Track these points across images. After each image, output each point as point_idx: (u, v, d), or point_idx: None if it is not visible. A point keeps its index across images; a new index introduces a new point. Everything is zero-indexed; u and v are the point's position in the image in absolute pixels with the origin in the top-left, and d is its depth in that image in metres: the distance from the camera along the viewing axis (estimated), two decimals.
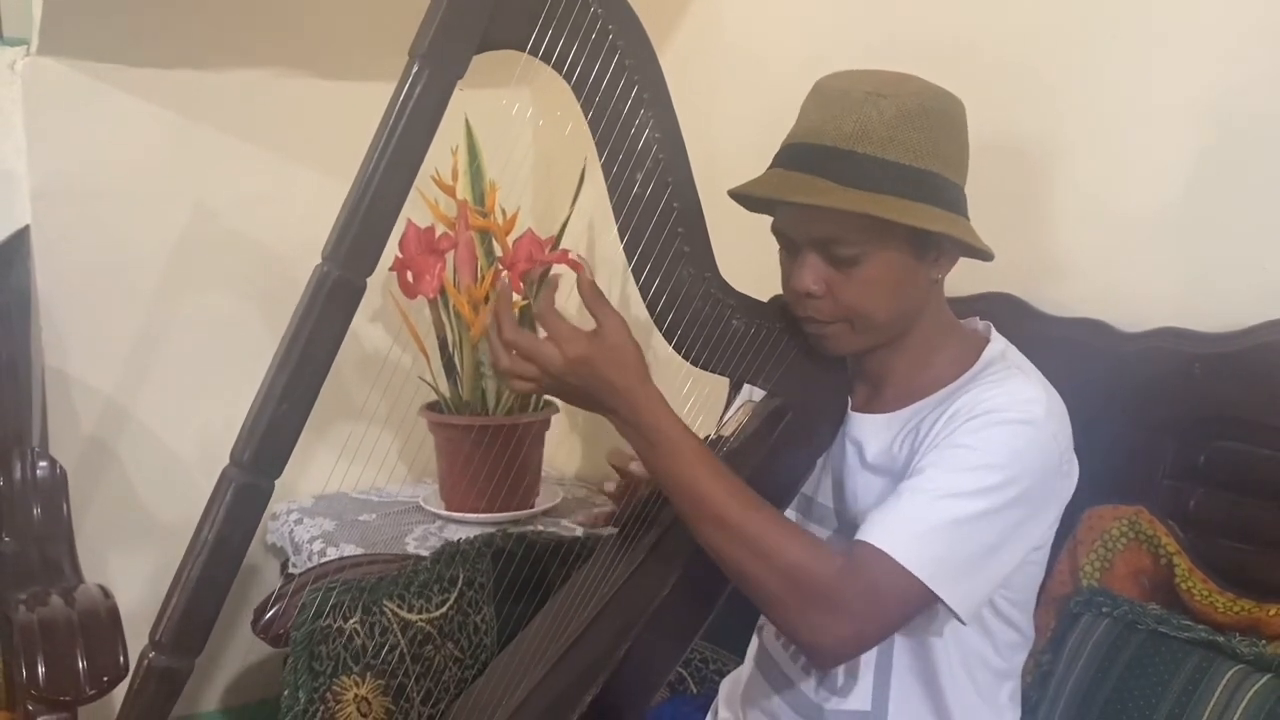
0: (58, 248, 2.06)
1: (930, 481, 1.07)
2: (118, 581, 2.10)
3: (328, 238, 0.99)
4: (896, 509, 1.07)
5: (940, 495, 1.05)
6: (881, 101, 1.09)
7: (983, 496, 1.05)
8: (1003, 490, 1.05)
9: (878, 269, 1.11)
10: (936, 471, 1.07)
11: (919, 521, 1.05)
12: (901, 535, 1.05)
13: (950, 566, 1.05)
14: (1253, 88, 1.34)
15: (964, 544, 1.05)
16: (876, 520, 1.07)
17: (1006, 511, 1.06)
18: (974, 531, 1.05)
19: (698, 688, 1.55)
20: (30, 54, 2.01)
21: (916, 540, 1.04)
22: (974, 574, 1.07)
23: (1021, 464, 1.06)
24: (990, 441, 1.06)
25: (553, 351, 1.08)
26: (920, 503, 1.06)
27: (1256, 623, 1.19)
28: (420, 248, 2.03)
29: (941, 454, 1.08)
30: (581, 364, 1.08)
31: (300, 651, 1.38)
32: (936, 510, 1.05)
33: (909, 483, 1.08)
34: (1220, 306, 1.36)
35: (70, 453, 2.01)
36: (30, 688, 1.43)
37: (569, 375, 1.08)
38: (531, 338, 1.10)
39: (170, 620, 0.97)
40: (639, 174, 1.09)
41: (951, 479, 1.06)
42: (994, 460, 1.06)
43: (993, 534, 1.06)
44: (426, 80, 0.97)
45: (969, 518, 1.05)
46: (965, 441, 1.07)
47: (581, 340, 1.08)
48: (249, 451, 0.97)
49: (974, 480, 1.05)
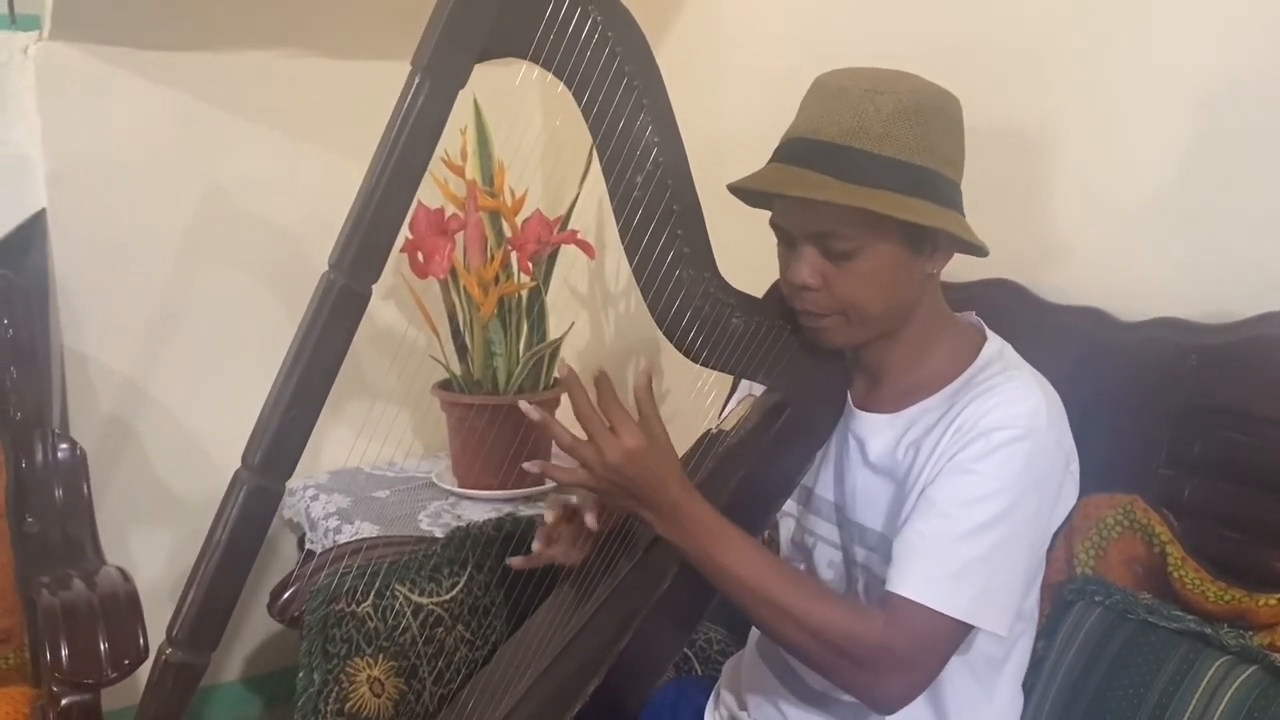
0: (74, 230, 2.09)
1: (948, 520, 1.08)
2: (138, 559, 2.17)
3: (334, 246, 1.01)
4: (923, 555, 1.08)
5: (961, 535, 1.07)
6: (879, 98, 1.10)
7: (1000, 524, 1.08)
8: (1017, 511, 1.08)
9: (873, 263, 1.13)
10: (951, 507, 1.09)
11: (947, 563, 1.07)
12: (934, 582, 1.07)
13: (986, 598, 1.08)
14: (1251, 77, 1.34)
15: (994, 574, 1.08)
16: (906, 569, 1.09)
17: (1024, 528, 1.10)
18: (1000, 558, 1.08)
19: (702, 668, 1.58)
20: (43, 39, 2.03)
21: (949, 583, 1.07)
22: (1008, 594, 1.10)
23: (1029, 480, 1.09)
24: (996, 465, 1.08)
25: (614, 440, 1.09)
26: (944, 545, 1.08)
27: (1246, 612, 1.21)
28: (430, 229, 2.05)
29: (951, 483, 1.10)
30: (638, 455, 1.09)
31: (315, 635, 1.43)
32: (962, 550, 1.07)
33: (927, 523, 1.10)
34: (1218, 297, 1.36)
35: (90, 433, 2.05)
36: (54, 670, 1.48)
37: (625, 466, 1.09)
38: (602, 423, 1.10)
39: (186, 617, 1.00)
40: (639, 177, 1.11)
41: (968, 514, 1.08)
42: (1003, 485, 1.08)
43: (1017, 553, 1.10)
44: (429, 91, 0.99)
45: (993, 547, 1.08)
46: (973, 467, 1.09)
47: (641, 433, 1.10)
48: (260, 455, 1.00)
49: (988, 509, 1.08)
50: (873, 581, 1.20)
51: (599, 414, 1.10)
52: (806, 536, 1.30)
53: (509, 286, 2.08)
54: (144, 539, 2.21)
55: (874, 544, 1.20)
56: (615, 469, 1.09)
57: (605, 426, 1.09)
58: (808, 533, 1.30)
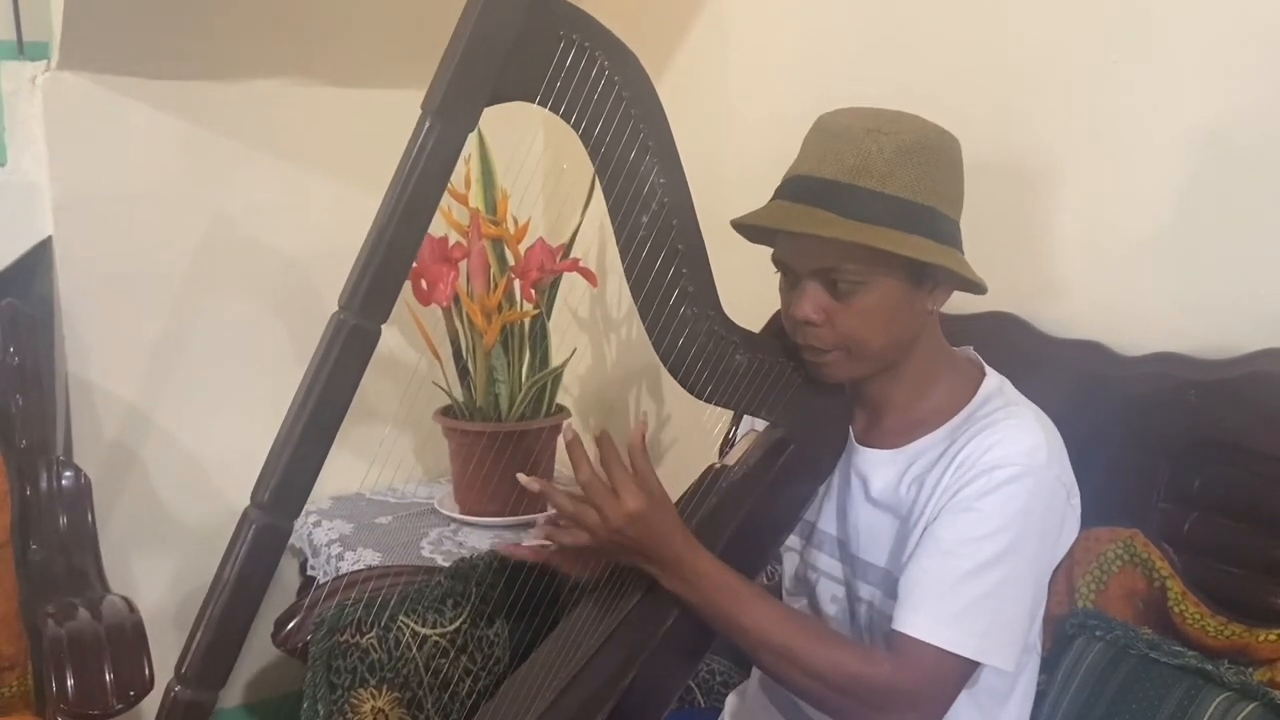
0: (80, 258, 2.10)
1: (953, 558, 1.10)
2: (142, 587, 2.17)
3: (344, 286, 1.02)
4: (929, 594, 1.10)
5: (966, 573, 1.08)
6: (881, 138, 1.12)
7: (1004, 561, 1.09)
8: (1020, 548, 1.09)
9: (875, 299, 1.14)
10: (956, 545, 1.10)
11: (953, 602, 1.08)
12: (941, 621, 1.08)
13: (993, 635, 1.09)
14: (1251, 114, 1.36)
15: (999, 610, 1.10)
16: (912, 608, 1.10)
17: (1028, 564, 1.11)
18: (1005, 595, 1.09)
19: (705, 700, 1.59)
20: (51, 68, 2.05)
21: (955, 622, 1.08)
22: (1014, 630, 1.11)
23: (1032, 516, 1.10)
24: (999, 503, 1.09)
25: (616, 504, 1.11)
26: (949, 583, 1.09)
27: (1247, 647, 1.22)
28: (434, 257, 2.06)
29: (955, 521, 1.11)
30: (641, 515, 1.11)
31: (319, 666, 1.43)
32: (967, 588, 1.08)
33: (932, 561, 1.11)
34: (1217, 332, 1.38)
35: (94, 460, 2.05)
36: (60, 701, 1.48)
37: (629, 527, 1.11)
38: (605, 488, 1.12)
39: (195, 655, 1.01)
40: (644, 217, 1.13)
41: (971, 551, 1.09)
42: (1006, 521, 1.09)
43: (1021, 589, 1.11)
44: (439, 135, 1.00)
45: (998, 585, 1.09)
46: (976, 505, 1.10)
47: (642, 494, 1.11)
48: (269, 493, 1.01)
49: (993, 547, 1.09)
50: (876, 617, 1.21)
51: (600, 477, 1.11)
52: (810, 572, 1.31)
53: (512, 314, 2.09)
54: (148, 567, 2.21)
55: (877, 580, 1.21)
56: (618, 531, 1.11)
57: (608, 489, 1.11)
58: (811, 568, 1.30)
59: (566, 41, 1.05)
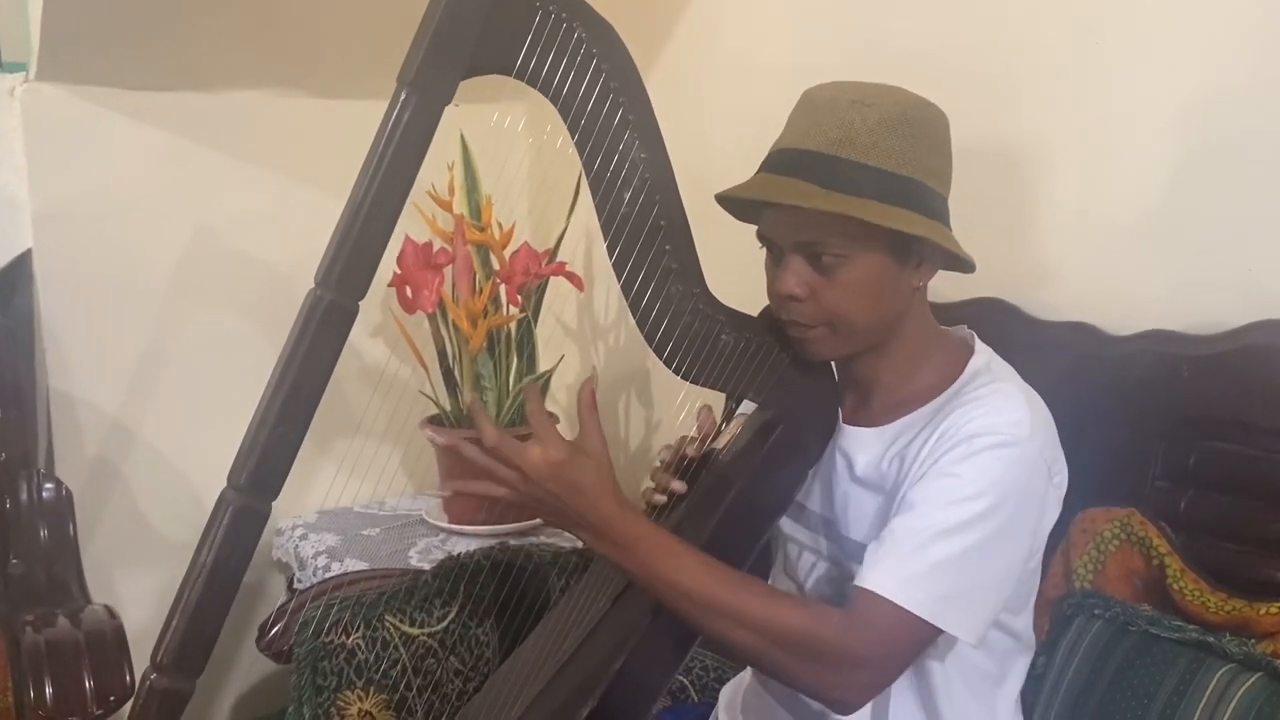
0: (60, 271, 2.07)
1: (923, 518, 1.07)
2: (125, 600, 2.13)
3: (320, 262, 1.01)
4: (893, 551, 1.07)
5: (935, 533, 1.06)
6: (865, 109, 1.11)
7: (975, 527, 1.06)
8: (994, 516, 1.06)
9: (859, 273, 1.13)
10: (928, 507, 1.08)
11: (917, 562, 1.06)
12: (901, 578, 1.06)
13: (954, 601, 1.06)
14: (1236, 93, 1.36)
15: (964, 577, 1.07)
16: (874, 563, 1.08)
17: (1001, 536, 1.07)
18: (972, 562, 1.06)
19: (698, 695, 1.56)
20: (29, 80, 2.03)
21: (917, 581, 1.05)
22: (978, 601, 1.08)
23: (1010, 486, 1.07)
24: (977, 469, 1.07)
25: (535, 453, 1.08)
26: (916, 542, 1.06)
27: (1247, 621, 1.20)
28: (418, 263, 2.04)
29: (930, 485, 1.09)
30: (561, 467, 1.08)
31: (304, 668, 1.41)
32: (933, 549, 1.06)
33: (902, 520, 1.09)
34: (1206, 308, 1.37)
35: (76, 473, 2.03)
36: (38, 708, 1.44)
37: (548, 480, 1.08)
38: (514, 442, 1.09)
39: (171, 642, 0.99)
40: (626, 193, 1.11)
41: (943, 514, 1.06)
42: (983, 488, 1.06)
43: (991, 560, 1.08)
44: (414, 107, 0.99)
45: (965, 550, 1.06)
46: (953, 470, 1.08)
47: (564, 445, 1.09)
48: (245, 474, 0.99)
49: (965, 511, 1.06)
50: None
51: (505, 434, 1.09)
52: (800, 551, 1.28)
53: (498, 319, 2.08)
54: (130, 580, 2.18)
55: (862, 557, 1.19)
56: (536, 484, 1.08)
57: (520, 445, 1.08)
58: (799, 546, 1.28)
59: (544, 13, 1.04)
